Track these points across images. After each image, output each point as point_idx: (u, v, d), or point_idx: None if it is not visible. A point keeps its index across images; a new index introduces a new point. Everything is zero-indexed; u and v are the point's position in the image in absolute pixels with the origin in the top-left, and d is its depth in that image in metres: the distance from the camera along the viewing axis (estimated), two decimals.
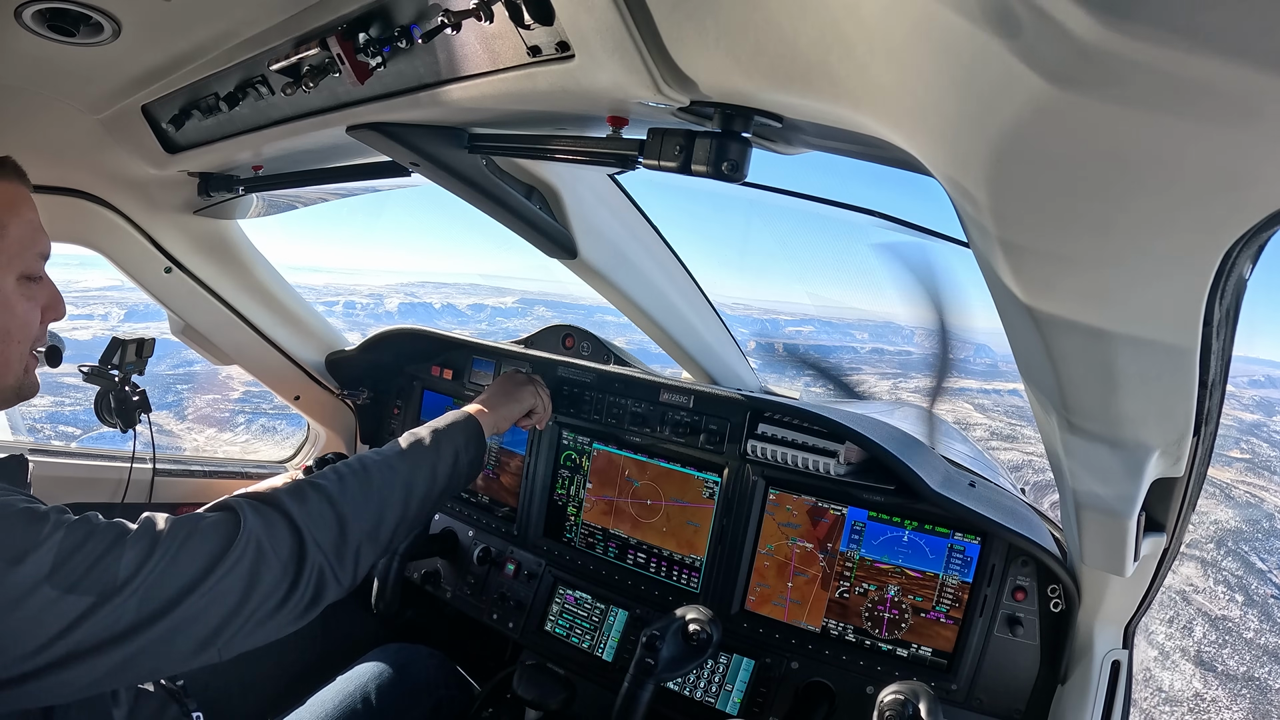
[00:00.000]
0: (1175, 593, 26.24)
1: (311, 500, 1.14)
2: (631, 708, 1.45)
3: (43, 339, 1.18)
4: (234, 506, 1.08)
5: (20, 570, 0.84)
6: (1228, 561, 28.33)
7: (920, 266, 1.91)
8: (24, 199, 1.10)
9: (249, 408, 20.78)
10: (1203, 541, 29.39)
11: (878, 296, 73.21)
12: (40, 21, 1.12)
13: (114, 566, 0.91)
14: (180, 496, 2.38)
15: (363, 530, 1.18)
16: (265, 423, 19.35)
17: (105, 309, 25.91)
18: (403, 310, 55.26)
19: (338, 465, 1.25)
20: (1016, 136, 0.49)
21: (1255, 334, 62.41)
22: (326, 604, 1.13)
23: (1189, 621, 24.99)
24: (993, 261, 0.68)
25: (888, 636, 1.65)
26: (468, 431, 1.44)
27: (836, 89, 0.69)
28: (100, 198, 1.95)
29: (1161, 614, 25.01)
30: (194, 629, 0.97)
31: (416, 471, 1.31)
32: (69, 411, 16.80)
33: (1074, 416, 0.87)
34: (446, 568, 2.29)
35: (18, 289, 1.08)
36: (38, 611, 0.85)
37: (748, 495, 1.81)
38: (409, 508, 1.27)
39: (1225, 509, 32.87)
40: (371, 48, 1.01)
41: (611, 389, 2.02)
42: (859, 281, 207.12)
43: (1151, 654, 23.22)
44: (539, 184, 1.53)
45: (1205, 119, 0.42)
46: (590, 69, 0.85)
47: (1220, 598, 26.45)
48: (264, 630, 1.05)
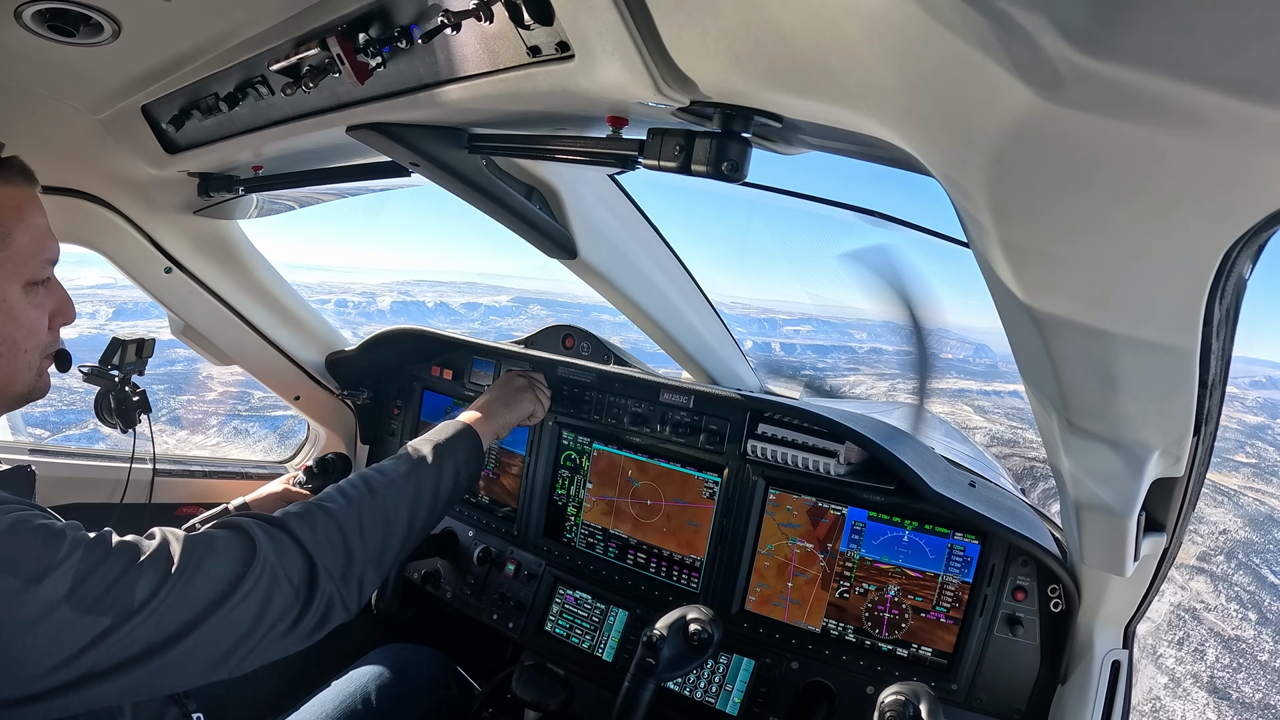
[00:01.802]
0: (1185, 611, 25.15)
1: (320, 525, 1.14)
2: (631, 708, 1.45)
3: (54, 344, 1.15)
4: (246, 529, 1.07)
5: (40, 589, 0.84)
6: (1239, 576, 27.21)
7: (889, 265, 1.91)
8: (30, 203, 1.07)
9: (223, 409, 20.68)
10: (1212, 554, 28.23)
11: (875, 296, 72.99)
12: (40, 21, 1.11)
13: (131, 589, 0.91)
14: (180, 497, 2.38)
15: (368, 556, 1.18)
16: (238, 425, 19.26)
17: (94, 307, 25.80)
18: (395, 308, 54.79)
19: (343, 486, 1.24)
20: (1016, 137, 0.49)
21: (1255, 334, 62.09)
22: (333, 627, 1.13)
23: (1200, 644, 23.89)
24: (992, 261, 0.68)
25: (888, 636, 1.65)
26: (468, 447, 1.44)
27: (836, 89, 0.69)
28: (100, 198, 1.95)
29: (1171, 635, 23.96)
30: (208, 650, 0.97)
31: (420, 492, 1.31)
32: (59, 411, 16.68)
33: (1074, 416, 0.87)
34: (447, 568, 2.29)
35: (24, 297, 1.06)
36: (56, 631, 0.85)
37: (748, 495, 1.81)
38: (412, 528, 1.28)
39: (1234, 518, 31.77)
40: (371, 48, 1.01)
41: (611, 389, 2.02)
42: (858, 282, 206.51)
43: (1162, 681, 22.07)
44: (539, 184, 1.53)
45: (1204, 120, 0.42)
46: (590, 69, 0.85)
47: (1233, 616, 25.36)
48: (275, 650, 1.06)
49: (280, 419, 21.52)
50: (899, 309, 1.97)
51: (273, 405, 20.80)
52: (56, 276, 1.14)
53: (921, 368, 2.21)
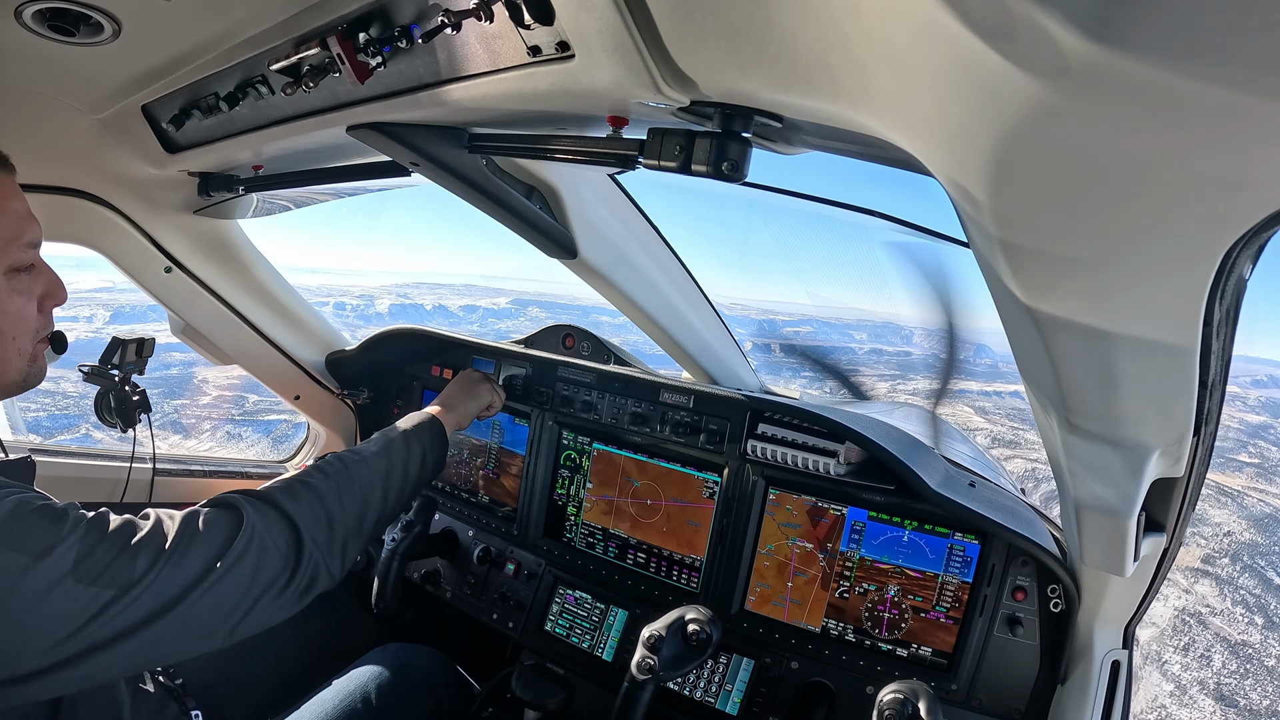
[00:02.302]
0: (1190, 615, 24.52)
1: (303, 497, 1.21)
2: (631, 708, 1.45)
3: (47, 327, 1.16)
4: (234, 503, 1.13)
5: (45, 565, 0.88)
6: (1244, 579, 26.59)
7: (931, 268, 1.91)
8: (5, 189, 1.07)
9: (217, 414, 20.63)
10: (1217, 556, 27.65)
11: (877, 296, 72.90)
12: (40, 21, 1.11)
13: (132, 561, 0.96)
14: (180, 496, 2.38)
15: (348, 525, 1.26)
16: (230, 429, 19.22)
17: (91, 311, 25.70)
18: (394, 311, 54.55)
19: (321, 464, 1.33)
20: (1016, 137, 0.49)
21: (1255, 334, 61.68)
22: (319, 592, 1.20)
23: (1207, 649, 23.25)
24: (993, 262, 0.68)
25: (888, 636, 1.65)
26: (432, 432, 1.56)
27: (836, 89, 0.69)
28: (100, 197, 1.95)
29: (1176, 641, 23.36)
30: (204, 616, 1.02)
31: (391, 470, 1.41)
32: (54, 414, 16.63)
33: (1074, 417, 0.87)
34: (447, 568, 2.29)
35: (7, 284, 1.06)
36: (62, 605, 0.88)
37: (748, 495, 1.81)
38: (386, 503, 1.38)
39: (1238, 520, 31.16)
40: (371, 48, 1.01)
41: (611, 389, 2.02)
42: (858, 282, 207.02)
43: (1168, 688, 21.48)
44: (539, 184, 1.53)
45: (1204, 120, 0.42)
46: (590, 69, 0.85)
47: (1239, 620, 24.72)
48: (267, 614, 1.11)
49: (274, 423, 21.33)
50: (939, 315, 1.97)
51: (268, 409, 20.80)
52: (43, 259, 1.13)
53: (946, 373, 2.21)
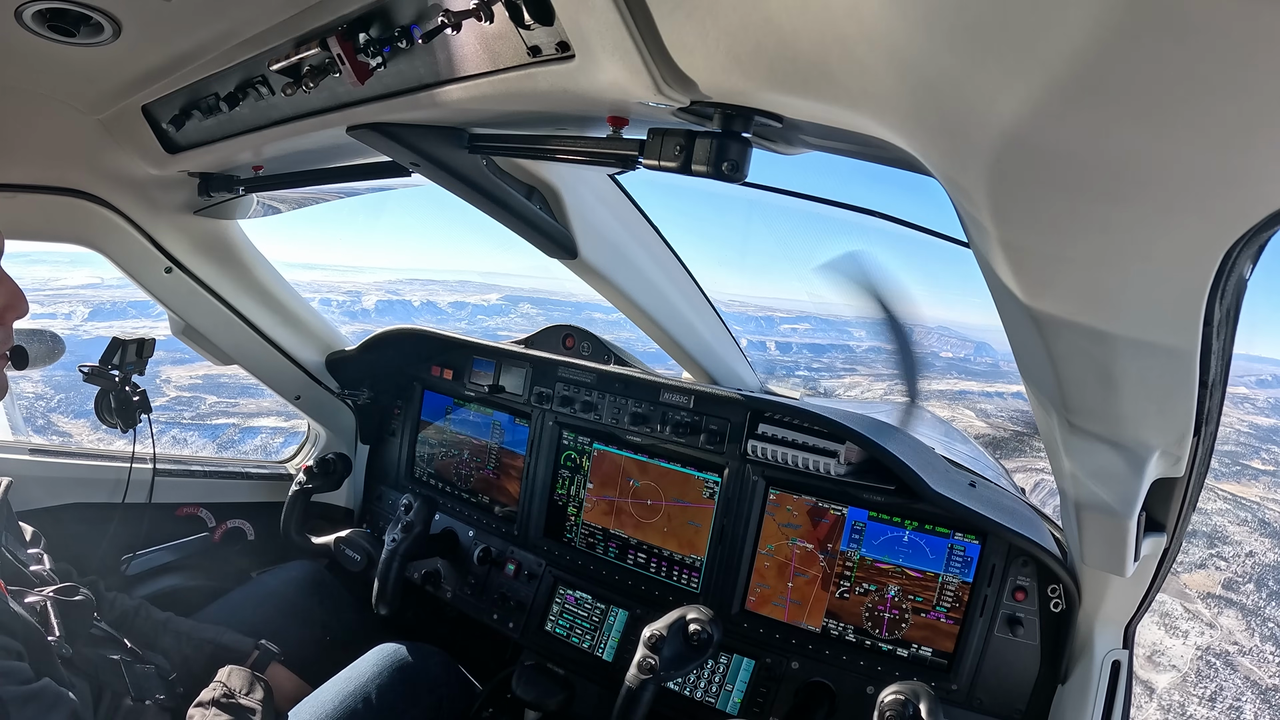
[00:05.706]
0: (1216, 656, 21.74)
1: None
2: (632, 708, 1.45)
3: (7, 341, 1.13)
4: None
5: None
6: (1272, 608, 23.63)
7: (858, 266, 1.92)
8: None
9: (188, 416, 20.40)
10: (1240, 581, 24.58)
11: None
12: (40, 21, 1.11)
13: None
14: (180, 497, 2.38)
15: None
16: (176, 434, 18.82)
17: (70, 307, 25.38)
18: (380, 307, 54.02)
19: None
20: (1016, 138, 0.49)
21: (1256, 333, 60.73)
22: None
23: (1236, 698, 20.58)
24: (993, 261, 0.68)
25: (888, 636, 1.65)
26: None
27: (836, 89, 0.69)
28: (100, 198, 1.95)
29: (1202, 690, 20.68)
30: None
31: None
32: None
33: (1074, 416, 0.87)
34: (447, 568, 2.29)
35: None
36: None
37: (748, 495, 1.81)
38: None
39: (1261, 538, 27.77)
40: (371, 48, 1.01)
41: (612, 389, 2.02)
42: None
43: None
44: (539, 184, 1.53)
45: (1204, 120, 0.42)
46: (590, 69, 0.85)
47: (1271, 661, 21.82)
48: None
49: (221, 427, 20.91)
50: (873, 307, 1.98)
51: (219, 413, 20.46)
52: (4, 270, 1.11)
53: (905, 363, 2.22)
